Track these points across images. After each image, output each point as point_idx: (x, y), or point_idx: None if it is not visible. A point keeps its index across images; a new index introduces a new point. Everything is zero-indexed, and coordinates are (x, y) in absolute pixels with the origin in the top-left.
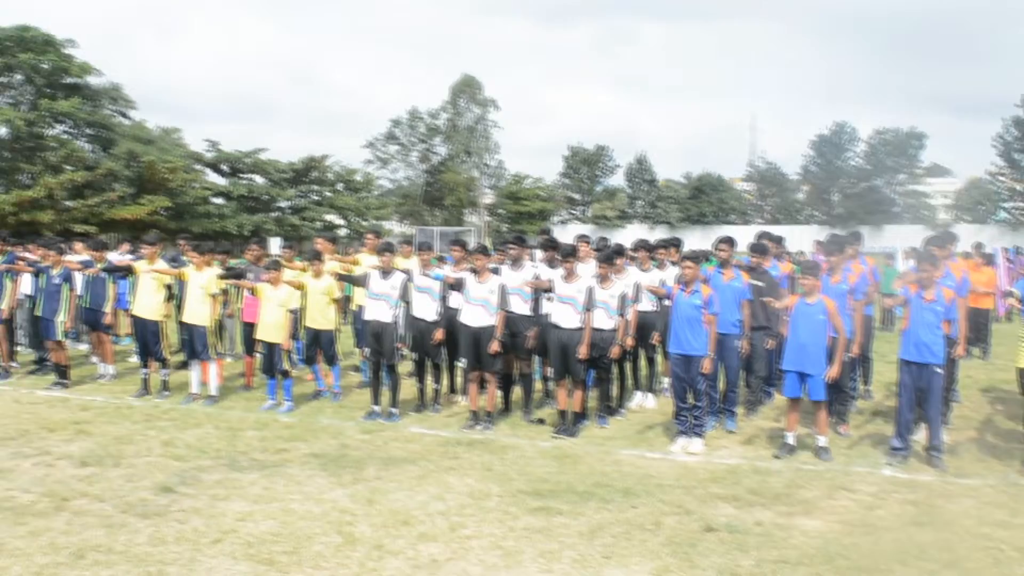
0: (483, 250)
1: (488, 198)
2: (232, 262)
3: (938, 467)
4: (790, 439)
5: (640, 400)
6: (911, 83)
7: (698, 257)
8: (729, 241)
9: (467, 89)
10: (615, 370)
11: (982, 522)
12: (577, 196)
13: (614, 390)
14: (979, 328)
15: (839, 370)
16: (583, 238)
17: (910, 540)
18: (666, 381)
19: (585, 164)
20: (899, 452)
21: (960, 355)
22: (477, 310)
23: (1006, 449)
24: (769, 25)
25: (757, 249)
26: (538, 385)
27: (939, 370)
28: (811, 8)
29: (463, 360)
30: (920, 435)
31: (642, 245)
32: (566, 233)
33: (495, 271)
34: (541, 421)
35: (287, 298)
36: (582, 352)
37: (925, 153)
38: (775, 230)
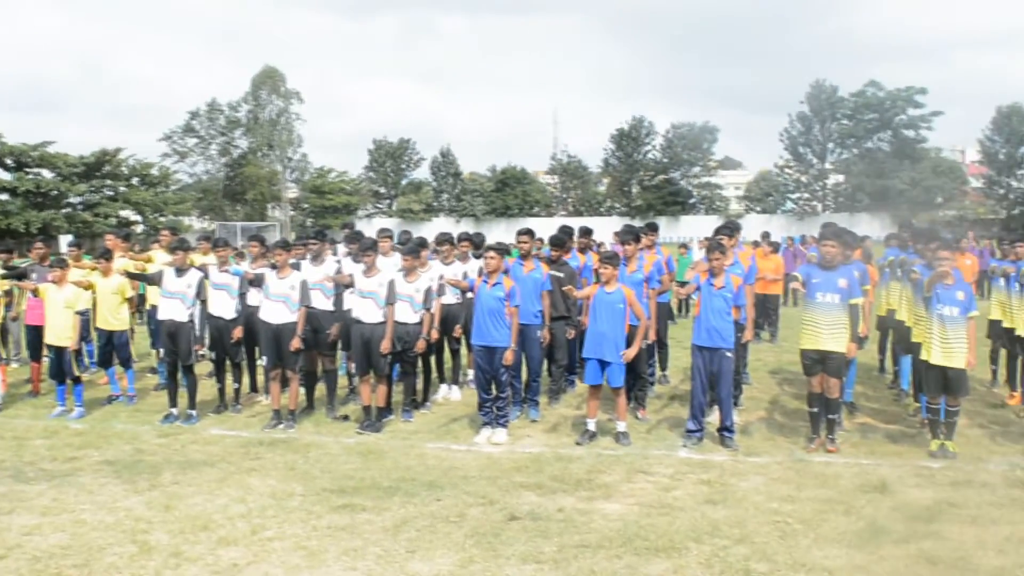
0: (283, 245)
1: (292, 192)
2: (16, 261)
3: (730, 447)
4: (591, 426)
5: (445, 392)
6: (704, 79)
7: (501, 248)
8: (529, 233)
9: (269, 81)
10: (420, 363)
11: (770, 497)
12: (383, 190)
13: (419, 383)
14: (768, 313)
15: (636, 351)
16: (384, 232)
17: (704, 518)
18: (471, 373)
19: (390, 157)
20: (694, 434)
21: (748, 339)
22: (278, 306)
23: (792, 427)
24: (568, 19)
25: (556, 241)
26: (343, 381)
27: (729, 354)
28: (609, 5)
29: (264, 358)
30: (713, 417)
31: (445, 239)
32: (372, 227)
33: (296, 266)
34: (346, 417)
35: (73, 299)
36: (384, 346)
37: (718, 147)
38: (578, 222)
